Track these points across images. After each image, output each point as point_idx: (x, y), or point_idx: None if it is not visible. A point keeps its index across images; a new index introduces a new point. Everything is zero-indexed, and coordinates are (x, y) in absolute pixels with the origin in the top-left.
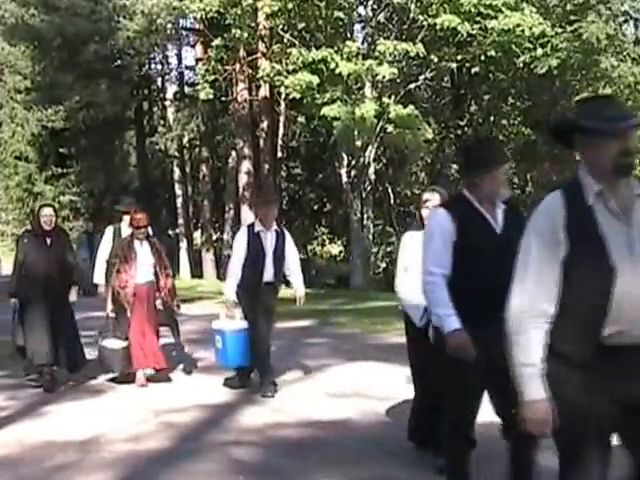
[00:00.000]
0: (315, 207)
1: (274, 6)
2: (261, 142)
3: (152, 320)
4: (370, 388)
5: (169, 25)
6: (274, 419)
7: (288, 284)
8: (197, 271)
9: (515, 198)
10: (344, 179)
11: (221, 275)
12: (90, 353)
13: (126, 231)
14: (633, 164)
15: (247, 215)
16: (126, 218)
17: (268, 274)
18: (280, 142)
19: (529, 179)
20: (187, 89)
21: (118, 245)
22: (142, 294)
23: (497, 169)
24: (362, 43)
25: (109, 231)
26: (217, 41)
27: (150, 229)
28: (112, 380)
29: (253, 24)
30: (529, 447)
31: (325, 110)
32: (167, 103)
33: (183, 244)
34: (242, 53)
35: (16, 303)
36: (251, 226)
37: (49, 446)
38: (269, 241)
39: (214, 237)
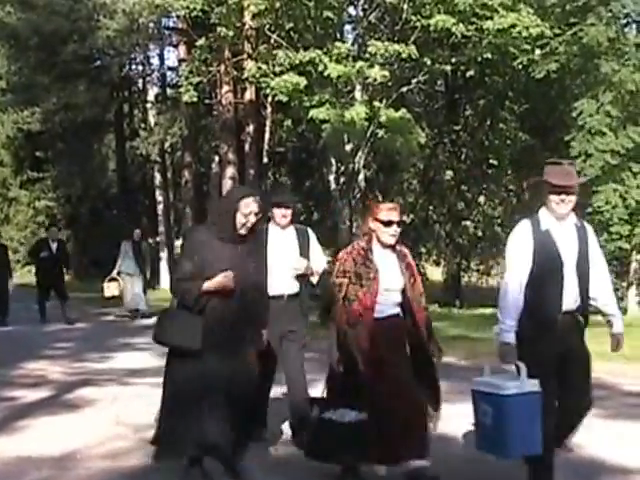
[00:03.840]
0: (302, 215)
1: (261, 5)
2: (246, 147)
3: None
4: None
5: (151, 24)
6: None
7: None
8: None
9: None
10: (332, 186)
11: None
12: None
13: None
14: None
15: None
16: None
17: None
18: (266, 147)
19: (526, 186)
20: (169, 91)
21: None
22: None
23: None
24: (352, 44)
25: None
26: (201, 41)
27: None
28: None
29: (239, 23)
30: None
31: (313, 113)
32: (148, 105)
33: (164, 253)
34: (227, 54)
35: None
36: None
37: (22, 462)
38: None
39: None
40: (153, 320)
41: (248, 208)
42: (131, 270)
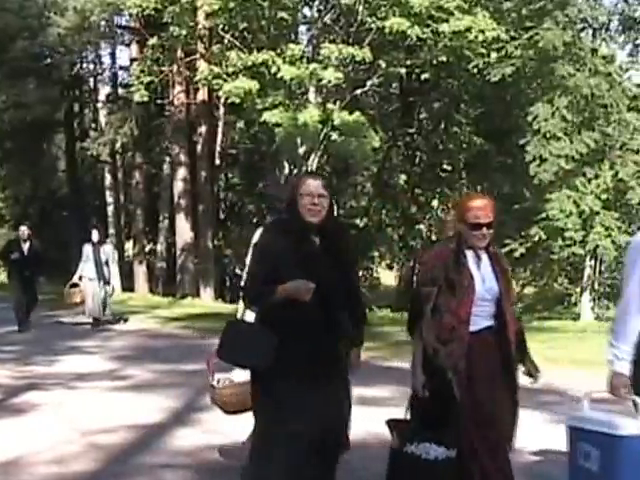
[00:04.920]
0: (254, 218)
1: (214, 5)
2: (198, 148)
3: None
4: None
5: (103, 22)
6: (207, 441)
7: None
8: (128, 284)
9: None
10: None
11: (154, 288)
12: None
13: None
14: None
15: (182, 225)
16: None
17: None
18: (218, 148)
19: (480, 190)
20: (121, 91)
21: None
22: None
23: None
24: (306, 46)
25: None
26: (153, 40)
27: (95, 236)
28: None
29: (192, 23)
30: None
31: (266, 116)
32: (99, 105)
33: (115, 255)
34: (180, 54)
35: None
36: None
37: None
38: None
39: (147, 248)
40: (117, 327)
41: (308, 187)
42: (91, 274)
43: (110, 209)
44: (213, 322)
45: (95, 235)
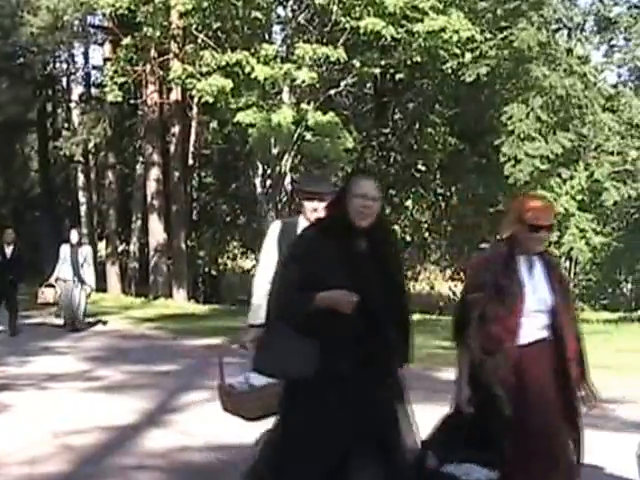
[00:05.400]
0: (227, 219)
1: (188, 4)
2: (171, 148)
3: None
4: None
5: (76, 22)
6: (180, 443)
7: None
8: (101, 285)
9: None
10: (258, 189)
11: (126, 289)
12: None
13: None
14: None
15: (155, 225)
16: None
17: None
18: (191, 149)
19: (454, 191)
20: (94, 90)
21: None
22: None
23: None
24: (280, 46)
25: None
26: (127, 40)
27: (75, 237)
28: None
29: (165, 23)
30: None
31: (240, 116)
32: (72, 105)
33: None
34: (153, 53)
35: None
36: None
37: None
38: None
39: (120, 249)
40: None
41: (361, 188)
42: (68, 276)
43: (83, 209)
44: (186, 323)
45: (75, 236)
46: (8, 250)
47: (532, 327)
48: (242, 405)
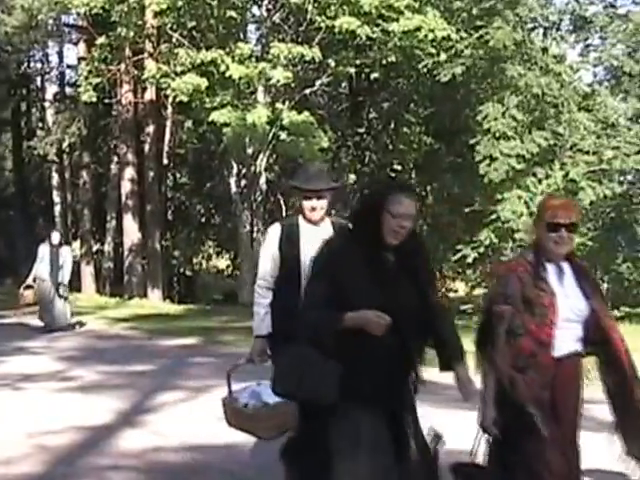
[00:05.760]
0: (202, 218)
1: (162, 4)
2: (146, 148)
3: None
4: None
5: (50, 21)
6: (154, 443)
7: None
8: (75, 285)
9: None
10: (233, 189)
11: (101, 289)
12: None
13: None
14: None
15: (130, 225)
16: None
17: None
18: (166, 148)
19: (430, 191)
20: (68, 90)
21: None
22: None
23: None
24: (255, 45)
25: None
26: (101, 39)
27: (56, 238)
28: None
29: (140, 22)
30: None
31: (214, 115)
32: (47, 104)
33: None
34: (128, 53)
35: None
36: None
37: None
38: None
39: (94, 248)
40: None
41: (400, 208)
42: (46, 277)
43: (57, 209)
44: (161, 323)
45: (56, 237)
46: None
47: (566, 339)
48: (256, 424)
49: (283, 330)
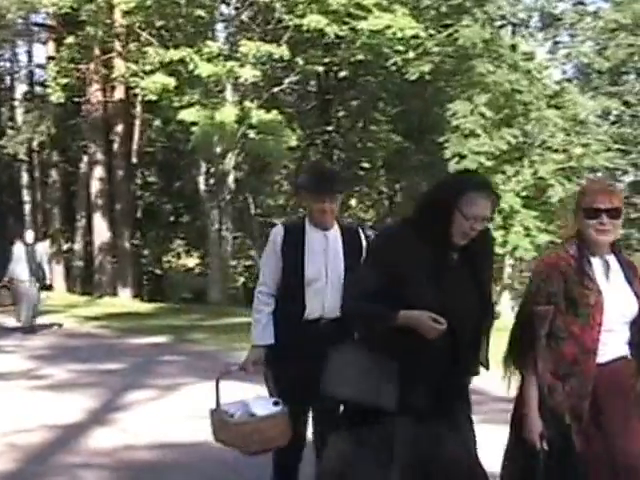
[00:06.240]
0: (171, 217)
1: (131, 3)
2: (115, 147)
3: None
4: None
5: (19, 20)
6: (125, 441)
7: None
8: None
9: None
10: (202, 188)
11: (71, 287)
12: None
13: None
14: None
15: (99, 224)
16: None
17: None
18: (135, 147)
19: (398, 189)
20: (37, 89)
21: None
22: None
23: None
24: (224, 44)
25: None
26: (70, 39)
27: (30, 237)
28: None
29: (109, 21)
30: None
31: (183, 114)
32: (16, 103)
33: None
34: (97, 52)
35: None
36: None
37: None
38: None
39: (64, 247)
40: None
41: (475, 209)
42: (24, 277)
43: (27, 208)
44: (131, 321)
45: (30, 236)
46: None
47: (613, 342)
48: (241, 437)
49: (283, 341)
